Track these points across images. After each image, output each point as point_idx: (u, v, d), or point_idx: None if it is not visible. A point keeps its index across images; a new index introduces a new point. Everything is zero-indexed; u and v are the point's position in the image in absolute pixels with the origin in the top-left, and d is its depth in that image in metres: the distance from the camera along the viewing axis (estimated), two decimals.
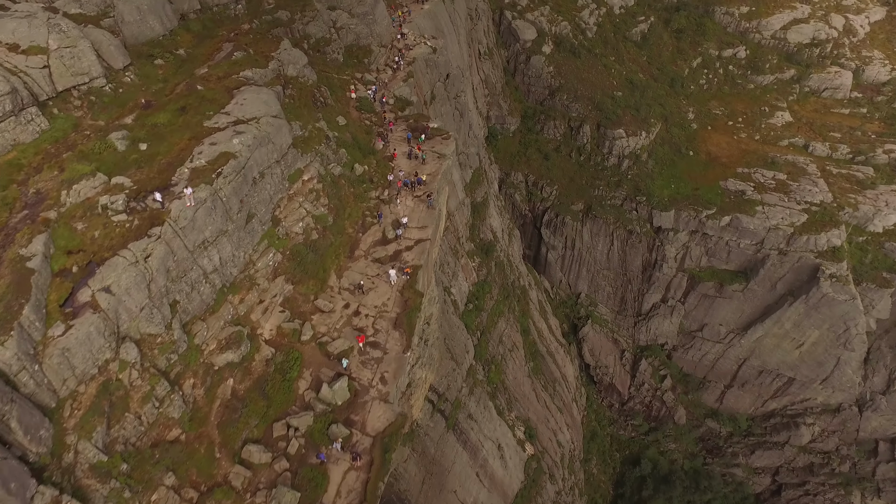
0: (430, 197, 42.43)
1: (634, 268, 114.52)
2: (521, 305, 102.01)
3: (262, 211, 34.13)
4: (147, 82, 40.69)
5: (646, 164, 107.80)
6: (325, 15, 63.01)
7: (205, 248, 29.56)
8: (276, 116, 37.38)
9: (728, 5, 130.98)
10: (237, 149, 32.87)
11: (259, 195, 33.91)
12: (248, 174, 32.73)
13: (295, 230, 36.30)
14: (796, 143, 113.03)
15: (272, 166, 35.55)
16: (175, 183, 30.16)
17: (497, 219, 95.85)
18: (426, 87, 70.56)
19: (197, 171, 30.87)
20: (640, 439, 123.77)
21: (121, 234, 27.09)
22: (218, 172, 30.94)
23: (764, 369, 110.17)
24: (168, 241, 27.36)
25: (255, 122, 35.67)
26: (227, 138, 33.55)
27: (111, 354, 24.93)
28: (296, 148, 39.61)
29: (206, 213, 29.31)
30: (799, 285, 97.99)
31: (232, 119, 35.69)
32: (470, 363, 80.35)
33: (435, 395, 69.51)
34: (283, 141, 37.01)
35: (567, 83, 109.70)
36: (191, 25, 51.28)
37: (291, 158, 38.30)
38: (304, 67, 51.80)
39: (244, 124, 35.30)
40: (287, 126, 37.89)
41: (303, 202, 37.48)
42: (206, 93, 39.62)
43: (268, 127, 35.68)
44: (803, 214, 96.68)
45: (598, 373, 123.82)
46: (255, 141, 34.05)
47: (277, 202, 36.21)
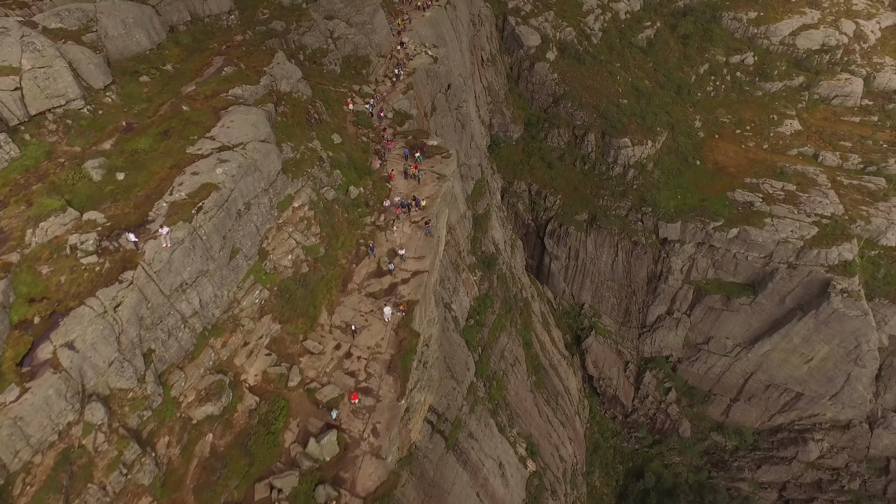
0: (428, 224, 40.10)
1: (639, 279, 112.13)
2: (523, 318, 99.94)
3: (247, 245, 31.86)
4: (129, 102, 38.44)
5: (651, 173, 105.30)
6: (321, 25, 60.74)
7: (183, 291, 27.32)
8: (264, 141, 35.07)
9: (736, 10, 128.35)
10: (220, 179, 30.58)
11: (244, 228, 31.64)
12: (231, 207, 30.44)
13: (283, 263, 34.04)
14: (806, 153, 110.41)
15: (259, 196, 33.26)
16: (152, 219, 27.89)
17: (499, 230, 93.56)
18: (426, 99, 68.24)
19: (176, 206, 28.60)
20: (644, 452, 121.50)
21: (89, 279, 24.83)
22: (198, 207, 28.66)
23: (771, 383, 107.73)
24: (141, 288, 25.11)
25: (242, 148, 33.36)
26: (210, 167, 31.27)
27: (74, 417, 22.67)
28: (286, 173, 37.31)
29: (183, 254, 27.07)
30: (808, 300, 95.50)
31: (217, 145, 33.40)
32: (471, 381, 78.39)
33: (434, 416, 67.44)
34: (272, 167, 34.71)
35: (571, 90, 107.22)
36: (180, 38, 49.06)
37: (281, 185, 36.01)
38: (299, 82, 49.54)
39: (230, 151, 33.00)
40: (276, 151, 35.58)
41: (292, 232, 35.20)
42: (191, 114, 37.36)
43: (255, 153, 33.38)
44: (813, 227, 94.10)
45: (602, 385, 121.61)
46: (241, 170, 31.76)
47: (265, 233, 33.94)
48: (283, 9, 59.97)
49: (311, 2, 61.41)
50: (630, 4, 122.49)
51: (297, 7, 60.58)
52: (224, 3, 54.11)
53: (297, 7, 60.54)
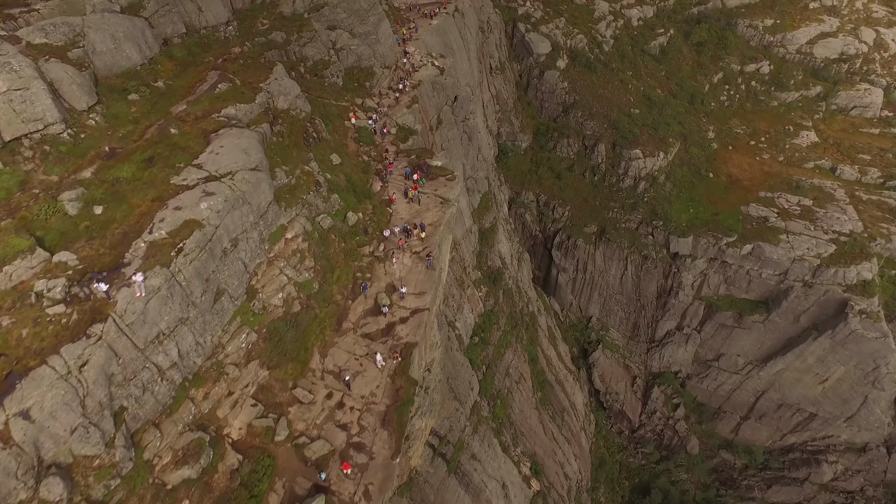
0: (430, 257, 37.72)
1: (649, 294, 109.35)
2: (529, 333, 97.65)
3: (233, 285, 29.59)
4: (115, 124, 36.22)
5: (663, 186, 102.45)
6: (323, 35, 58.42)
7: (160, 342, 25.09)
8: (255, 169, 32.74)
9: (752, 18, 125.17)
10: (205, 215, 28.29)
11: (230, 268, 29.37)
12: (215, 247, 28.14)
13: (274, 302, 31.77)
14: (823, 166, 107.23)
15: (248, 230, 30.97)
16: (128, 262, 25.63)
17: (506, 244, 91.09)
18: (432, 112, 65.83)
19: (155, 247, 26.34)
20: (651, 468, 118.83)
21: (54, 332, 22.61)
22: (179, 248, 26.38)
23: (783, 403, 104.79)
24: (111, 343, 22.89)
25: (230, 179, 31.05)
26: (194, 201, 28.98)
27: (27, 495, 20.40)
28: (279, 202, 34.98)
29: (160, 303, 24.83)
30: (825, 319, 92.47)
31: (203, 175, 31.10)
32: (474, 400, 76.24)
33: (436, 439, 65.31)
34: (263, 199, 32.39)
35: (582, 99, 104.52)
36: (174, 52, 46.81)
37: (272, 216, 33.70)
38: (297, 98, 47.21)
39: (217, 182, 30.70)
40: (268, 180, 33.25)
41: (284, 267, 32.90)
42: (178, 138, 35.10)
43: (244, 184, 31.06)
44: (831, 245, 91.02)
45: (609, 399, 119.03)
46: (227, 205, 29.45)
47: (254, 270, 31.66)
48: (284, 19, 57.65)
49: (313, 12, 59.08)
50: (643, 11, 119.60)
51: (299, 17, 58.27)
52: (221, 14, 51.85)
53: (298, 17, 58.24)
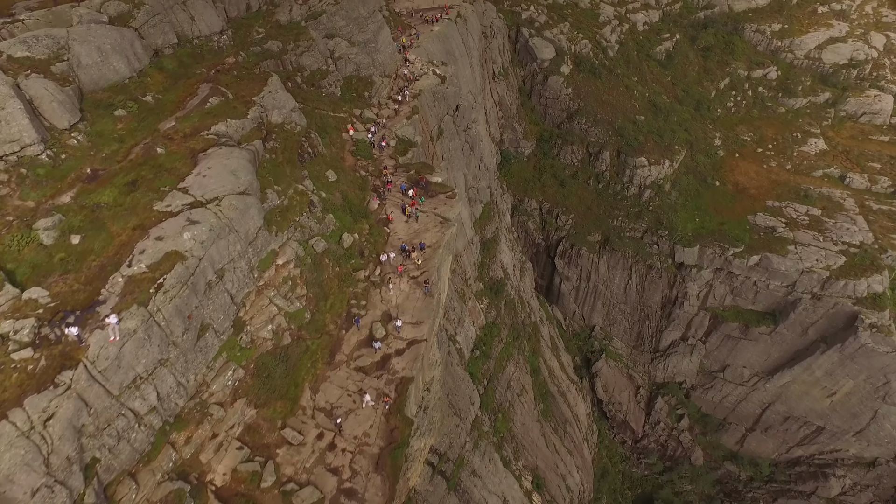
0: (427, 284, 35.98)
1: (653, 303, 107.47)
2: (531, 344, 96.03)
3: (219, 319, 27.91)
4: (98, 143, 34.55)
5: (668, 194, 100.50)
6: (321, 44, 56.70)
7: (136, 387, 23.43)
8: (243, 193, 31.04)
9: (759, 22, 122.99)
10: (188, 246, 26.61)
11: (216, 301, 27.69)
12: (199, 281, 26.48)
13: (262, 335, 30.09)
14: (831, 174, 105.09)
15: (235, 259, 29.28)
16: (103, 299, 23.98)
17: (508, 254, 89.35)
18: (433, 122, 64.09)
19: (133, 282, 24.67)
20: (654, 478, 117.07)
21: (18, 381, 20.94)
22: (159, 284, 24.70)
23: (790, 415, 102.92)
24: (81, 393, 21.23)
25: (216, 205, 29.35)
26: (177, 230, 27.29)
27: None
28: (269, 226, 33.27)
29: (136, 345, 23.17)
30: (833, 332, 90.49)
31: (188, 200, 29.39)
32: (475, 415, 74.74)
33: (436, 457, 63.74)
34: (251, 225, 30.70)
35: (586, 106, 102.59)
36: (165, 63, 45.16)
37: (262, 242, 31.99)
38: (292, 112, 45.52)
39: (202, 208, 29.01)
40: (257, 205, 31.54)
41: (274, 296, 31.21)
42: (164, 159, 33.41)
43: (231, 211, 29.36)
44: (840, 256, 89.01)
45: (612, 409, 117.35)
46: (212, 234, 27.76)
47: (242, 300, 29.97)
48: (280, 27, 55.95)
49: (310, 20, 57.36)
50: (648, 16, 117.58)
51: (296, 25, 56.56)
52: (215, 23, 50.18)
53: (294, 25, 56.53)
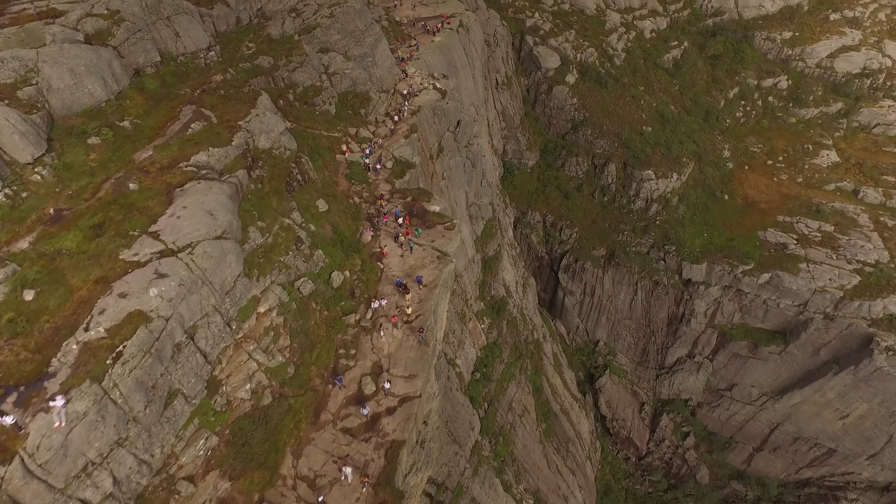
0: (421, 332, 33.17)
1: (659, 320, 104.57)
2: (533, 362, 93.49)
3: (190, 382, 25.16)
4: (66, 178, 31.84)
5: (676, 209, 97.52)
6: (314, 59, 53.90)
7: (87, 475, 20.63)
8: (220, 237, 28.27)
9: (769, 30, 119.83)
10: (153, 305, 23.86)
11: (186, 364, 24.93)
12: (165, 346, 23.73)
13: (240, 395, 27.34)
14: (844, 188, 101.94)
15: (209, 314, 26.51)
16: (53, 371, 21.24)
17: (510, 271, 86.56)
18: (433, 139, 61.29)
19: (89, 350, 21.92)
20: (658, 496, 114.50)
21: None
22: (117, 353, 21.95)
23: (800, 436, 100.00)
24: (14, 493, 18.47)
25: (189, 253, 26.57)
26: (143, 285, 24.53)
27: None
28: (250, 271, 30.49)
29: (87, 429, 20.40)
30: (847, 354, 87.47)
31: (158, 248, 26.63)
32: (475, 440, 72.27)
33: (434, 487, 61.22)
34: (228, 274, 27.93)
35: (592, 116, 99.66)
36: (146, 83, 42.37)
37: (241, 290, 29.22)
38: (281, 135, 42.79)
39: (173, 257, 26.25)
40: (235, 250, 28.75)
41: (254, 350, 28.46)
42: (137, 196, 30.67)
43: (205, 260, 26.59)
44: (855, 276, 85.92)
45: (615, 426, 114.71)
46: (182, 289, 25.00)
47: (217, 357, 27.21)
48: (272, 42, 53.16)
49: (303, 33, 54.58)
50: (656, 23, 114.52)
51: (288, 40, 53.78)
52: (202, 39, 47.37)
53: (287, 39, 53.75)
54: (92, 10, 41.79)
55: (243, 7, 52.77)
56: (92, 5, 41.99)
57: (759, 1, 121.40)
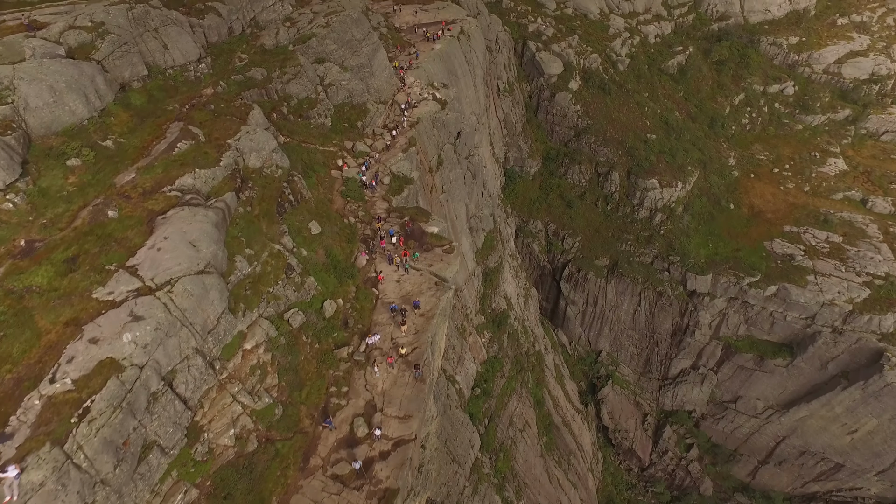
0: (418, 368, 31.28)
1: (663, 331, 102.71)
2: (535, 374, 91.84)
3: (167, 433, 23.29)
4: (41, 205, 30.03)
5: (681, 218, 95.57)
6: (310, 71, 52.02)
7: None
8: (202, 272, 26.44)
9: (775, 35, 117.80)
10: (126, 352, 22.03)
11: (163, 414, 23.08)
12: (138, 397, 21.87)
13: (223, 442, 25.52)
14: (852, 197, 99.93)
15: (190, 357, 24.67)
16: (11, 432, 19.36)
17: (512, 283, 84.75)
18: (432, 152, 59.42)
19: (53, 406, 20.07)
20: None
21: None
22: (84, 409, 20.11)
23: (807, 450, 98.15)
24: None
25: (168, 291, 24.73)
26: (116, 329, 22.69)
27: None
28: (236, 305, 28.65)
29: (45, 499, 18.58)
30: (855, 368, 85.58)
31: (134, 286, 24.79)
32: (475, 457, 70.61)
33: None
34: (211, 312, 26.09)
35: (595, 124, 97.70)
36: (132, 99, 40.53)
37: (226, 327, 27.38)
38: (273, 153, 40.91)
39: (150, 296, 24.41)
40: (219, 286, 26.91)
41: (239, 392, 26.63)
42: (115, 226, 28.85)
43: (185, 299, 24.76)
44: (864, 289, 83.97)
45: (618, 436, 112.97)
46: (159, 333, 23.14)
47: (199, 401, 25.38)
48: (266, 53, 51.30)
49: (298, 44, 52.68)
50: (660, 27, 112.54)
51: (282, 50, 51.90)
52: (191, 51, 45.50)
53: (281, 50, 51.87)
54: (75, 21, 39.96)
55: (236, 17, 50.90)
56: (76, 17, 40.18)
57: (765, 5, 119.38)
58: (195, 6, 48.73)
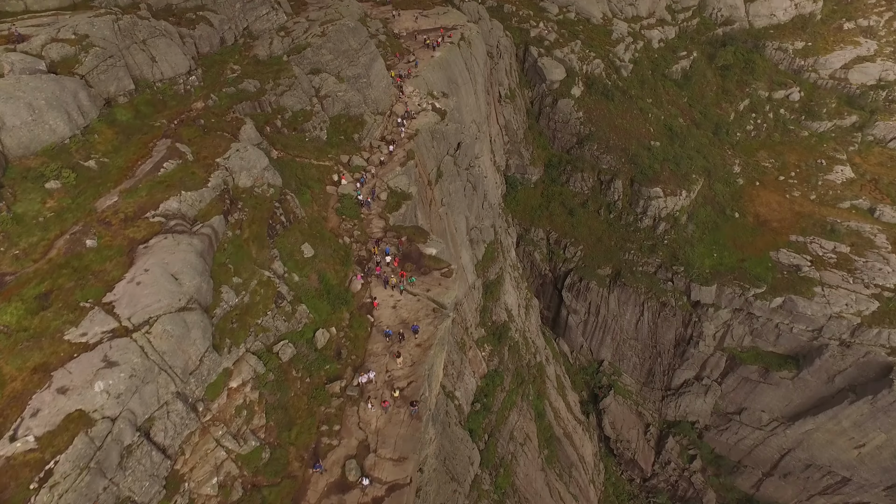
0: (414, 406, 29.56)
1: (666, 341, 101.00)
2: (536, 386, 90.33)
3: (143, 487, 21.64)
4: (14, 234, 28.32)
5: (685, 228, 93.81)
6: (304, 82, 50.32)
7: None
8: (184, 308, 24.78)
9: (781, 40, 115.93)
10: (98, 403, 20.38)
11: (138, 468, 21.39)
12: (110, 453, 20.22)
13: (206, 492, 23.86)
14: (860, 206, 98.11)
15: (169, 402, 23.03)
16: None
17: (513, 294, 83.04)
18: (431, 164, 57.71)
19: (11, 470, 18.29)
20: None
21: None
22: (46, 473, 18.45)
23: (812, 463, 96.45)
24: None
25: (146, 332, 23.07)
26: (88, 377, 21.03)
27: None
28: (221, 341, 26.98)
29: None
30: (864, 382, 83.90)
31: (110, 326, 23.12)
32: (475, 475, 68.84)
33: None
34: (193, 352, 24.42)
35: (598, 131, 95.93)
36: (117, 115, 38.85)
37: (210, 366, 25.72)
38: (265, 171, 39.21)
39: (126, 338, 22.75)
40: (201, 323, 25.23)
41: (223, 436, 24.97)
42: (93, 257, 27.19)
43: (164, 341, 23.08)
44: (873, 301, 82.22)
45: (619, 447, 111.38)
46: (134, 381, 21.46)
47: (179, 448, 23.73)
48: (259, 63, 49.58)
49: (293, 54, 50.98)
50: (664, 32, 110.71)
51: (276, 61, 50.20)
52: (181, 63, 43.77)
53: (275, 61, 50.16)
54: (58, 34, 38.23)
55: (228, 27, 49.19)
56: (58, 29, 38.44)
57: (770, 10, 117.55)
58: (186, 16, 47.03)
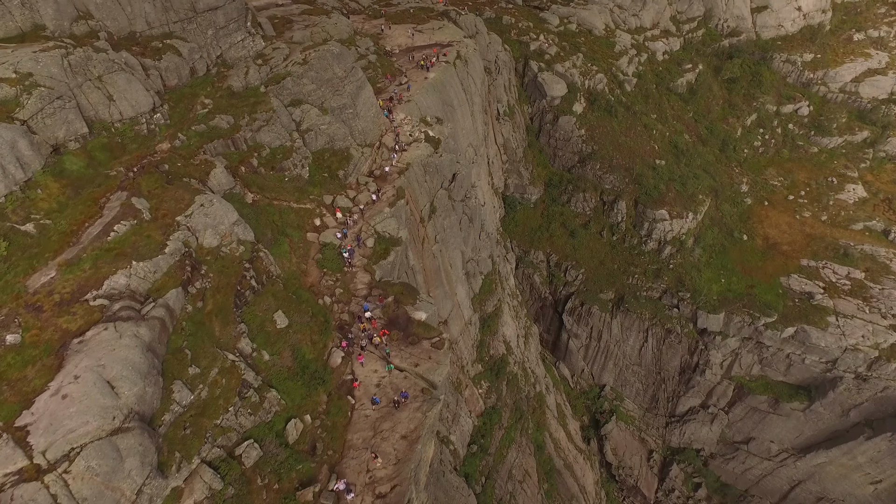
0: None
1: (671, 368, 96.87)
2: (535, 418, 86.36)
3: None
4: None
5: (691, 251, 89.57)
6: (284, 115, 45.88)
7: None
8: (120, 429, 20.46)
9: (789, 52, 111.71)
10: None
11: None
12: None
13: None
14: (874, 228, 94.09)
15: None
16: None
17: (511, 325, 78.81)
18: (423, 200, 53.35)
19: None
20: None
21: None
22: None
23: (824, 497, 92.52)
24: None
25: (66, 471, 18.71)
26: None
27: None
28: (168, 460, 22.65)
29: None
30: (881, 417, 79.91)
31: (17, 466, 18.71)
32: None
33: None
34: (128, 487, 20.03)
35: (601, 149, 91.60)
36: (66, 164, 34.35)
37: (154, 491, 21.42)
38: (235, 226, 34.84)
39: (36, 482, 18.38)
40: (141, 447, 20.89)
41: None
42: (12, 359, 22.87)
43: (87, 483, 18.68)
44: (891, 332, 78.17)
45: (621, 473, 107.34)
46: None
47: None
48: (233, 96, 45.04)
49: (271, 84, 46.47)
50: (669, 44, 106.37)
51: (253, 92, 45.69)
52: (143, 101, 39.17)
53: (251, 92, 45.65)
54: None
55: (199, 55, 44.60)
56: None
57: (778, 20, 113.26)
58: (151, 45, 42.46)
